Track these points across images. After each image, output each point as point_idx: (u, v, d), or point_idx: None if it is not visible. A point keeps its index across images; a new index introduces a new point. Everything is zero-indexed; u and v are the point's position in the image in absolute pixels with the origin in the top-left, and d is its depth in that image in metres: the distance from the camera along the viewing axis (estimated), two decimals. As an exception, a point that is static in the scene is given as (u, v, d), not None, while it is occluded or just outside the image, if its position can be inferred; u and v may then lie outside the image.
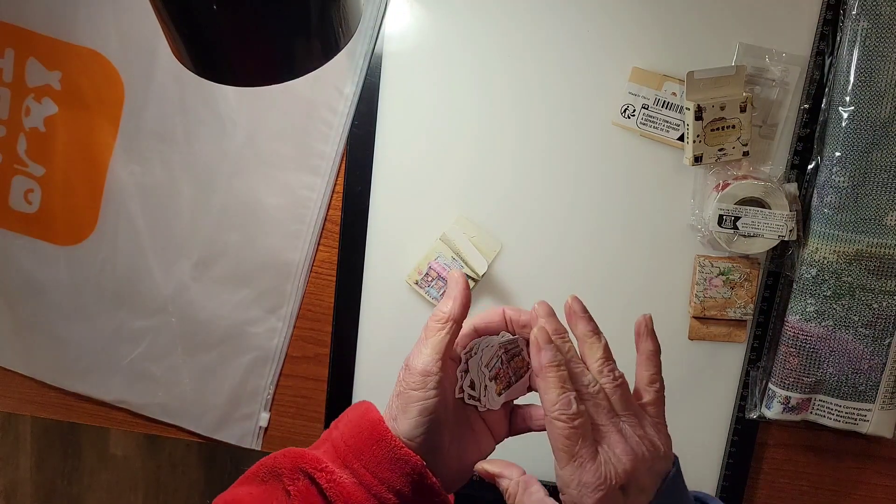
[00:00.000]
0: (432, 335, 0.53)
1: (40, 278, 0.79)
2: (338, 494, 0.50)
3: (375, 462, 0.51)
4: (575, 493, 0.47)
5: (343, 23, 0.59)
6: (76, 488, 1.61)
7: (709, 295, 0.71)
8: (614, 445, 0.49)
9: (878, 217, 0.67)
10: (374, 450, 0.51)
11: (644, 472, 0.49)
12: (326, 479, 0.50)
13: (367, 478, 0.50)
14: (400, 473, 0.50)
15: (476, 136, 0.72)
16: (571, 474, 0.47)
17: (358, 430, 0.52)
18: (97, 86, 0.74)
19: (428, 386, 0.52)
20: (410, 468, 0.50)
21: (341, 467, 0.51)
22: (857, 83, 0.65)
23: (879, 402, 0.70)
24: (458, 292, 0.55)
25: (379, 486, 0.50)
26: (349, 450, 0.51)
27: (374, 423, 0.52)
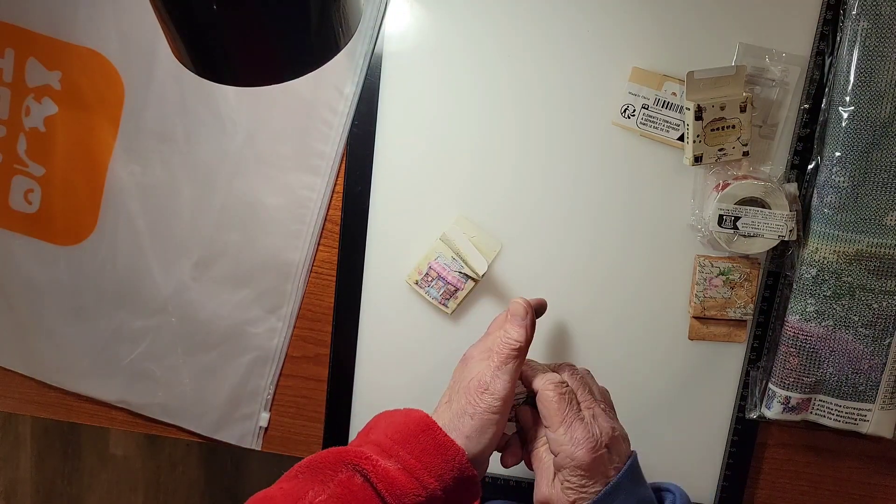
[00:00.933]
0: (510, 362, 0.58)
1: (40, 278, 0.79)
2: (382, 479, 0.52)
3: (421, 449, 0.54)
4: (569, 448, 0.54)
5: (343, 23, 0.59)
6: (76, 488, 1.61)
7: (709, 295, 0.71)
8: (598, 416, 0.57)
9: (878, 217, 0.67)
10: (421, 438, 0.54)
11: (621, 441, 0.58)
12: (372, 466, 0.53)
13: (411, 463, 0.53)
14: (444, 460, 0.54)
15: (476, 136, 0.72)
16: (564, 433, 0.55)
17: (404, 425, 0.56)
18: (97, 86, 0.74)
19: (505, 410, 0.57)
20: (453, 455, 0.54)
21: (386, 458, 0.54)
22: (857, 83, 0.65)
23: (879, 402, 0.70)
24: (528, 322, 0.60)
25: (422, 471, 0.53)
26: (394, 443, 0.54)
27: (420, 419, 0.56)
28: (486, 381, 0.57)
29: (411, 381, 0.76)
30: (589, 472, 0.54)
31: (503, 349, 0.58)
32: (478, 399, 0.57)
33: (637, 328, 0.74)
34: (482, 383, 0.57)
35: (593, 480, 0.54)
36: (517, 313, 0.60)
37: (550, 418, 0.56)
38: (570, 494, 0.55)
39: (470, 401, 0.57)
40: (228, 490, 1.56)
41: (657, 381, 0.75)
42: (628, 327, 0.74)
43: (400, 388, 0.76)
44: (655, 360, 0.74)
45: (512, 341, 0.58)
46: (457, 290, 0.72)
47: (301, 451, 0.80)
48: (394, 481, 0.52)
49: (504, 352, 0.58)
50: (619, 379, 0.72)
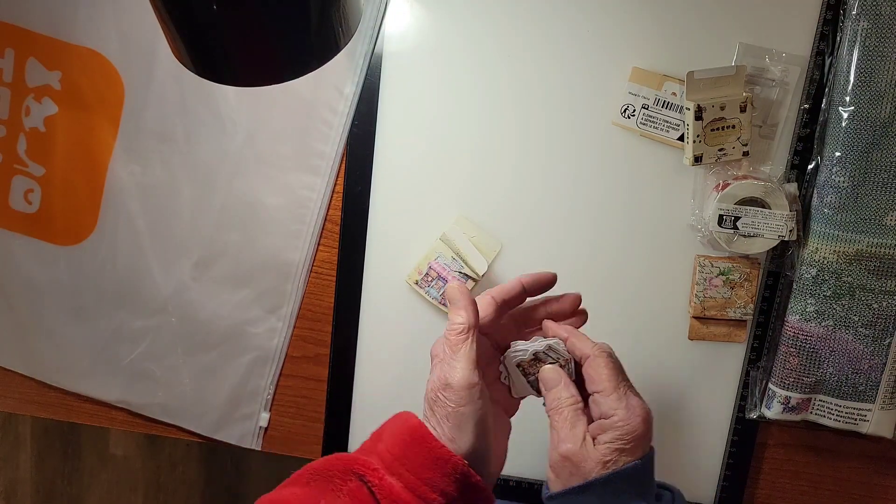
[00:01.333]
0: (459, 348, 0.56)
1: (40, 278, 0.79)
2: (387, 496, 0.52)
3: (418, 464, 0.53)
4: (623, 413, 0.54)
5: (343, 23, 0.59)
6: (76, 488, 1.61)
7: (709, 295, 0.71)
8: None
9: (878, 217, 0.67)
10: (417, 453, 0.53)
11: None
12: (378, 480, 0.52)
13: (412, 481, 0.52)
14: (442, 473, 0.53)
15: (476, 136, 0.72)
16: (618, 400, 0.55)
17: (400, 438, 0.54)
18: (97, 86, 0.74)
19: (475, 397, 0.55)
20: (452, 468, 0.53)
21: (389, 474, 0.53)
22: (857, 83, 0.65)
23: (879, 402, 0.70)
24: (464, 302, 0.58)
25: (423, 488, 0.52)
26: (394, 458, 0.54)
27: (414, 429, 0.55)
28: (444, 377, 0.55)
29: (411, 381, 0.76)
30: (636, 442, 0.54)
31: (450, 336, 0.57)
32: (444, 398, 0.55)
33: (637, 328, 0.74)
34: (442, 381, 0.56)
35: (634, 449, 0.54)
36: (452, 299, 0.58)
37: (604, 382, 0.55)
38: (606, 455, 0.54)
39: (440, 403, 0.55)
40: (228, 490, 1.56)
41: (657, 380, 0.75)
42: (628, 327, 0.74)
43: (400, 388, 0.76)
44: (655, 359, 0.74)
45: (455, 325, 0.56)
46: None
47: (301, 451, 0.80)
48: (397, 499, 0.52)
49: (451, 338, 0.56)
50: (619, 379, 0.72)
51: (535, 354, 0.61)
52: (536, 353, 0.61)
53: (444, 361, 0.56)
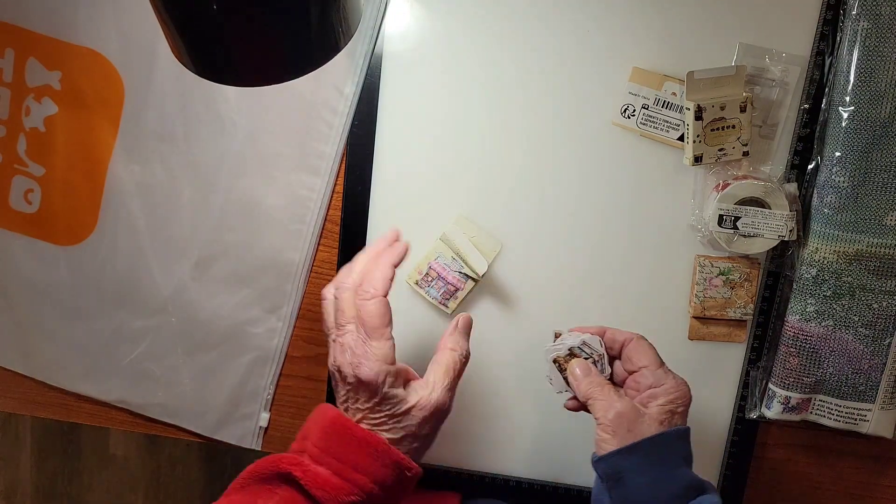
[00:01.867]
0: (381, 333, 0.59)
1: (40, 278, 0.79)
2: (314, 483, 0.53)
3: (343, 450, 0.55)
4: (673, 382, 0.61)
5: (343, 23, 0.59)
6: (76, 488, 1.61)
7: (709, 295, 0.71)
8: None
9: (878, 217, 0.67)
10: (339, 440, 0.55)
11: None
12: (303, 473, 0.54)
13: (339, 466, 0.54)
14: (366, 453, 0.55)
15: (476, 136, 0.72)
16: (665, 372, 0.62)
17: (323, 430, 0.56)
18: (97, 86, 0.74)
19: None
20: (374, 447, 0.55)
21: (318, 464, 0.55)
22: (857, 83, 0.65)
23: (879, 402, 0.70)
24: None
25: (350, 471, 0.54)
26: (321, 451, 0.55)
27: (336, 417, 0.57)
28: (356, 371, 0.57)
29: (411, 381, 0.76)
30: (685, 407, 0.61)
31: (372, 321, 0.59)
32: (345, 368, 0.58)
33: (637, 328, 0.73)
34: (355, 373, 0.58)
35: (683, 413, 0.61)
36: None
37: (652, 358, 0.62)
38: (661, 415, 0.59)
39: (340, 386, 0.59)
40: (228, 490, 1.56)
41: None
42: (628, 327, 0.73)
43: (400, 388, 0.76)
44: (655, 360, 0.74)
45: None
46: (457, 290, 0.72)
47: (301, 451, 0.80)
48: (326, 485, 0.53)
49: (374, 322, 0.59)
50: (619, 379, 0.72)
51: (570, 350, 0.65)
52: (571, 348, 0.65)
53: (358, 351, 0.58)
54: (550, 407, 0.75)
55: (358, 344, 0.57)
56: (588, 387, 0.62)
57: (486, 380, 0.75)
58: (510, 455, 0.77)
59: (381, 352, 0.57)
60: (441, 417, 0.59)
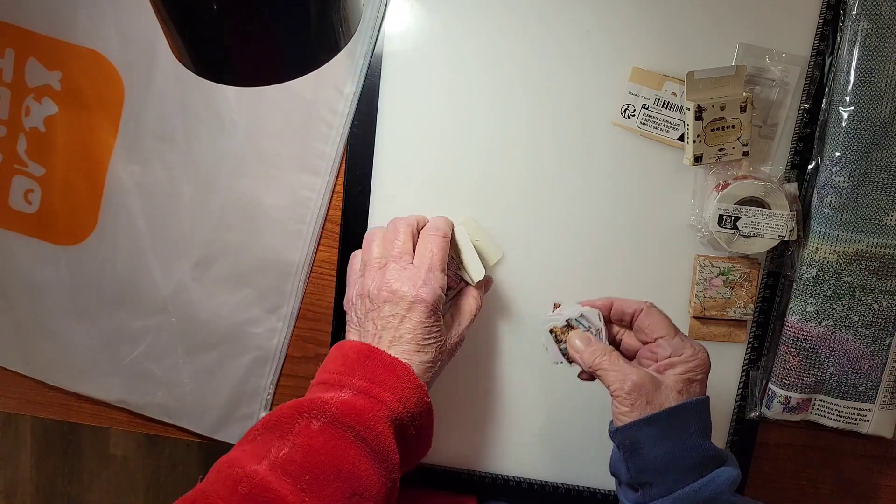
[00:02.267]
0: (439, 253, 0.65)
1: (40, 278, 0.79)
2: (341, 411, 0.54)
3: (371, 371, 0.56)
4: (691, 350, 0.60)
5: (343, 23, 0.59)
6: (76, 488, 1.61)
7: (709, 295, 0.71)
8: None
9: (878, 217, 0.67)
10: (367, 364, 0.57)
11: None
12: (326, 406, 0.54)
13: (365, 385, 0.55)
14: (393, 376, 0.57)
15: (476, 136, 0.72)
16: (682, 340, 0.61)
17: (347, 357, 0.59)
18: (97, 86, 0.74)
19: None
20: (402, 371, 0.57)
21: (338, 391, 0.56)
22: (857, 83, 0.65)
23: (879, 402, 0.70)
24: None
25: (378, 389, 0.55)
26: (342, 375, 0.57)
27: (361, 346, 0.59)
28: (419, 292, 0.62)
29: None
30: (704, 374, 0.60)
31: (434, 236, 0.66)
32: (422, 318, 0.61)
33: (637, 328, 0.74)
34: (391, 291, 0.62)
35: (703, 381, 0.60)
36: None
37: (665, 328, 0.61)
38: (678, 384, 0.58)
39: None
40: (228, 490, 1.56)
41: (657, 381, 0.74)
42: (628, 327, 0.74)
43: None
44: (655, 360, 0.74)
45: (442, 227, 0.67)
46: (449, 290, 0.71)
47: (301, 451, 0.80)
48: (352, 408, 0.54)
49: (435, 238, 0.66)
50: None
51: (567, 322, 0.64)
52: (569, 320, 0.64)
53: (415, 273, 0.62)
54: (564, 408, 0.75)
55: (421, 271, 0.62)
56: (592, 356, 0.62)
57: (493, 381, 0.75)
58: (508, 455, 0.77)
59: (442, 281, 0.63)
60: (454, 353, 0.65)
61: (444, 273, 0.63)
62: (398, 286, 0.61)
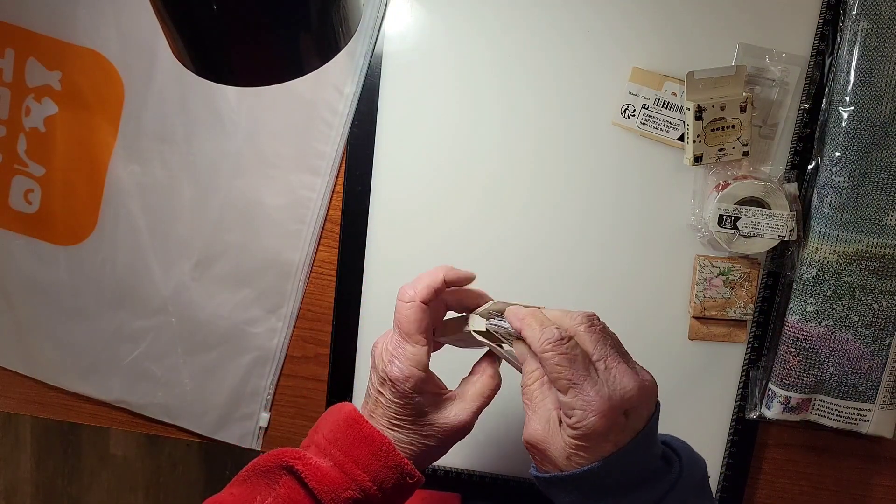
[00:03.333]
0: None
1: (40, 278, 0.79)
2: (314, 477, 0.52)
3: (348, 444, 0.54)
4: (580, 413, 0.47)
5: (343, 23, 0.59)
6: (76, 488, 1.61)
7: (709, 295, 0.71)
8: (620, 373, 0.49)
9: (878, 217, 0.67)
10: (349, 433, 0.55)
11: (646, 400, 0.50)
12: (303, 465, 0.53)
13: (341, 459, 0.53)
14: (370, 451, 0.54)
15: (476, 135, 0.72)
16: (573, 398, 0.47)
17: (335, 422, 0.56)
18: (97, 86, 0.74)
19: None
20: (378, 446, 0.54)
21: (322, 457, 0.54)
22: (857, 83, 0.65)
23: (879, 402, 0.70)
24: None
25: (352, 466, 0.53)
26: (327, 442, 0.55)
27: (349, 412, 0.56)
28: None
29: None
30: (597, 440, 0.47)
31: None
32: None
33: (637, 328, 0.74)
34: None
35: (601, 446, 0.48)
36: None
37: (557, 382, 0.49)
38: (568, 447, 0.48)
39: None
40: (228, 490, 1.56)
41: (657, 381, 0.74)
42: (628, 327, 0.73)
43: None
44: (655, 360, 0.74)
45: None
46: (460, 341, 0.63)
47: (301, 451, 0.80)
48: (325, 478, 0.52)
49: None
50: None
51: (504, 334, 0.55)
52: (509, 332, 0.55)
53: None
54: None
55: (395, 343, 0.56)
56: (522, 378, 0.53)
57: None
58: (509, 456, 0.77)
59: (414, 356, 0.55)
60: (459, 437, 0.57)
61: (424, 344, 0.55)
62: (377, 355, 0.57)
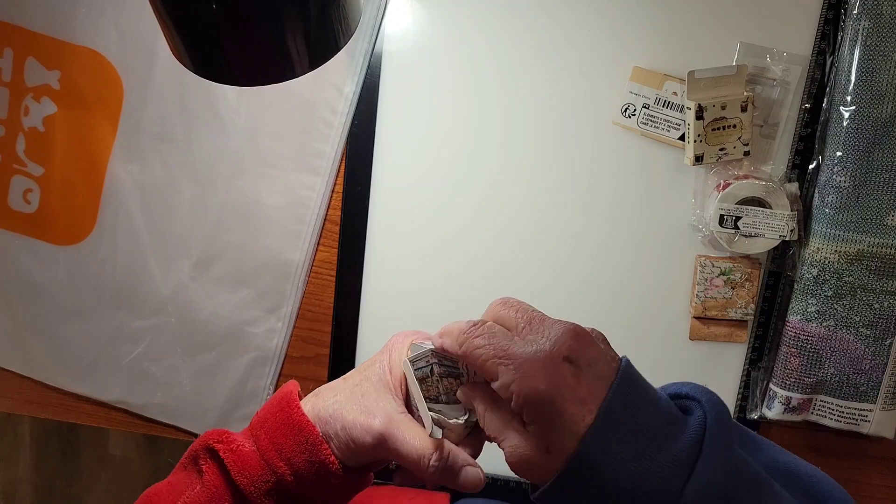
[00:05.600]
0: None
1: (39, 278, 0.78)
2: (234, 462, 0.49)
3: (275, 429, 0.49)
4: (516, 383, 0.41)
5: (343, 22, 0.59)
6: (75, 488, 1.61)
7: (709, 295, 0.71)
8: (546, 325, 0.44)
9: (879, 217, 0.66)
10: (277, 416, 0.50)
11: (590, 344, 0.43)
12: (225, 450, 0.49)
13: (264, 443, 0.49)
14: (294, 441, 0.48)
15: (476, 134, 0.72)
16: (504, 373, 0.41)
17: (273, 400, 0.51)
18: (96, 85, 0.74)
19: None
20: (304, 437, 0.48)
21: (248, 438, 0.50)
22: (858, 83, 0.65)
23: (881, 402, 0.70)
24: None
25: (272, 453, 0.48)
26: (259, 422, 0.50)
27: (285, 395, 0.50)
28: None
29: (411, 381, 0.76)
30: (555, 404, 0.40)
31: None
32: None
33: (637, 328, 0.73)
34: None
35: (564, 408, 0.40)
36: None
37: (486, 370, 0.43)
38: (543, 443, 0.41)
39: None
40: (228, 490, 1.55)
41: (658, 381, 0.74)
42: (628, 327, 0.74)
43: (400, 388, 0.76)
44: (656, 360, 0.74)
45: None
46: None
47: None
48: (245, 467, 0.48)
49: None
50: (619, 379, 0.72)
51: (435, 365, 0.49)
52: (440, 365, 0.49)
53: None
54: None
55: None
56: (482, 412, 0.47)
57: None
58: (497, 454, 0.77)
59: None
60: (373, 451, 0.48)
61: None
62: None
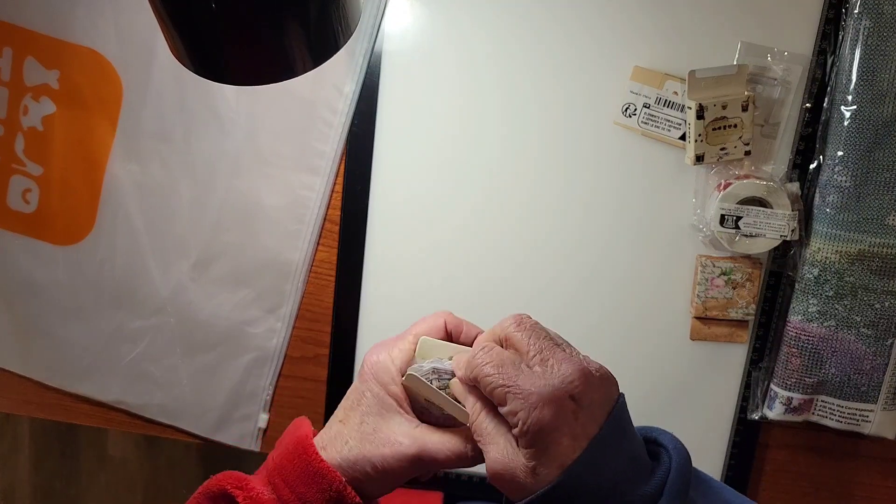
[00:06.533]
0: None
1: (38, 278, 0.78)
2: None
3: (294, 477, 0.49)
4: (523, 413, 0.42)
5: (342, 21, 0.59)
6: (74, 489, 1.61)
7: (710, 295, 0.71)
8: (557, 361, 0.45)
9: (880, 217, 0.66)
10: (295, 464, 0.49)
11: (596, 385, 0.45)
12: (244, 497, 0.49)
13: (285, 492, 0.48)
14: (317, 489, 0.48)
15: (476, 134, 0.72)
16: (512, 401, 0.43)
17: (285, 446, 0.51)
18: (95, 85, 0.74)
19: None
20: (328, 484, 0.48)
21: (266, 485, 0.49)
22: (859, 82, 0.65)
23: (882, 402, 0.70)
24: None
25: (295, 501, 0.48)
26: (276, 469, 0.50)
27: (300, 439, 0.51)
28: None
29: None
30: (552, 437, 0.42)
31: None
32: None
33: (638, 328, 0.73)
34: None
35: (559, 442, 0.42)
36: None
37: (493, 394, 0.45)
38: (533, 464, 0.43)
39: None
40: (227, 491, 1.55)
41: (658, 381, 0.74)
42: (629, 327, 0.74)
43: (400, 388, 0.76)
44: (657, 360, 0.74)
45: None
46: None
47: (300, 452, 0.80)
48: None
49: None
50: (619, 379, 0.71)
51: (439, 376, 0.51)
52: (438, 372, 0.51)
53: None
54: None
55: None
56: (471, 420, 0.48)
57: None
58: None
59: (400, 350, 0.54)
60: (402, 465, 0.52)
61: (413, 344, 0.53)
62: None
